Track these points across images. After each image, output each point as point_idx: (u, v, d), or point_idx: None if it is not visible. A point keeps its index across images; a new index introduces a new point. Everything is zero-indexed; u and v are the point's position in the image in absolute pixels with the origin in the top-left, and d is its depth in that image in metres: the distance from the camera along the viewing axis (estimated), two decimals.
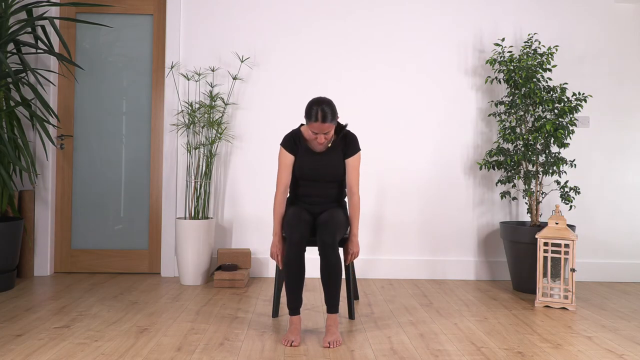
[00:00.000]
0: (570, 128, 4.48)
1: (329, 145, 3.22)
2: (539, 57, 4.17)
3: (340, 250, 4.62)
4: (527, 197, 4.40)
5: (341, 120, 4.55)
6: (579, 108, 4.40)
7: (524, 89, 4.11)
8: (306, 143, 3.23)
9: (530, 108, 4.18)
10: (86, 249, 4.59)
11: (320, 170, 3.20)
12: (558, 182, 4.19)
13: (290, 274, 2.97)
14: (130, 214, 4.61)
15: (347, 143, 3.23)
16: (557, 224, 3.72)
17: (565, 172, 4.24)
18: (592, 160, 4.59)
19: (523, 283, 4.11)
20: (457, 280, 4.52)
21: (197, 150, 4.50)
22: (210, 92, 4.40)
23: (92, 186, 4.60)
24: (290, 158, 3.21)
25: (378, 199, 4.56)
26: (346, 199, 3.23)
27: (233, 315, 3.41)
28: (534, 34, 4.34)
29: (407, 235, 4.57)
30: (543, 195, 4.25)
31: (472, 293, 4.09)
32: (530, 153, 4.11)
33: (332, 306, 2.98)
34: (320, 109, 2.98)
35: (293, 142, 3.21)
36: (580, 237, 4.58)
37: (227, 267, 4.23)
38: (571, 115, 4.09)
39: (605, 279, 4.57)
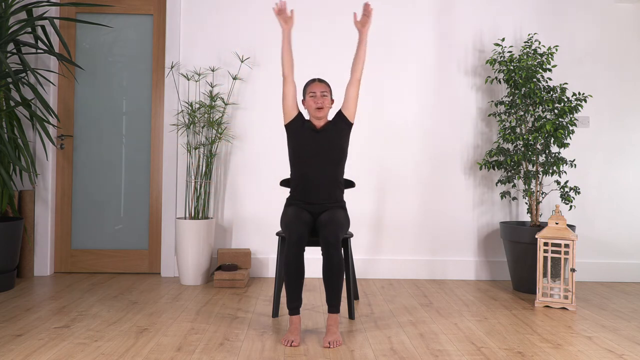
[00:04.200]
0: (570, 128, 4.48)
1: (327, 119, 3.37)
2: (539, 57, 4.17)
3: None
4: (527, 197, 4.40)
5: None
6: (579, 108, 4.39)
7: (524, 89, 4.11)
8: (309, 123, 3.31)
9: (530, 108, 4.18)
10: (86, 249, 4.59)
11: (320, 144, 3.24)
12: (558, 182, 4.19)
13: (290, 273, 2.97)
14: (130, 214, 4.61)
15: (338, 115, 3.34)
16: (557, 224, 3.72)
17: (565, 172, 4.24)
18: (592, 160, 4.59)
19: (523, 283, 4.11)
20: (457, 280, 4.52)
21: (197, 150, 4.50)
22: (210, 92, 4.40)
23: (92, 186, 4.60)
24: (295, 98, 3.31)
25: (378, 199, 4.56)
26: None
27: (233, 315, 3.41)
28: (534, 34, 4.34)
29: (407, 236, 4.57)
30: (543, 195, 4.25)
31: (472, 293, 4.09)
32: (530, 153, 4.11)
33: (333, 306, 2.98)
34: (315, 78, 3.37)
35: (302, 116, 3.34)
36: (580, 237, 4.58)
37: (227, 267, 4.23)
38: (571, 115, 4.09)
39: (605, 279, 4.57)
